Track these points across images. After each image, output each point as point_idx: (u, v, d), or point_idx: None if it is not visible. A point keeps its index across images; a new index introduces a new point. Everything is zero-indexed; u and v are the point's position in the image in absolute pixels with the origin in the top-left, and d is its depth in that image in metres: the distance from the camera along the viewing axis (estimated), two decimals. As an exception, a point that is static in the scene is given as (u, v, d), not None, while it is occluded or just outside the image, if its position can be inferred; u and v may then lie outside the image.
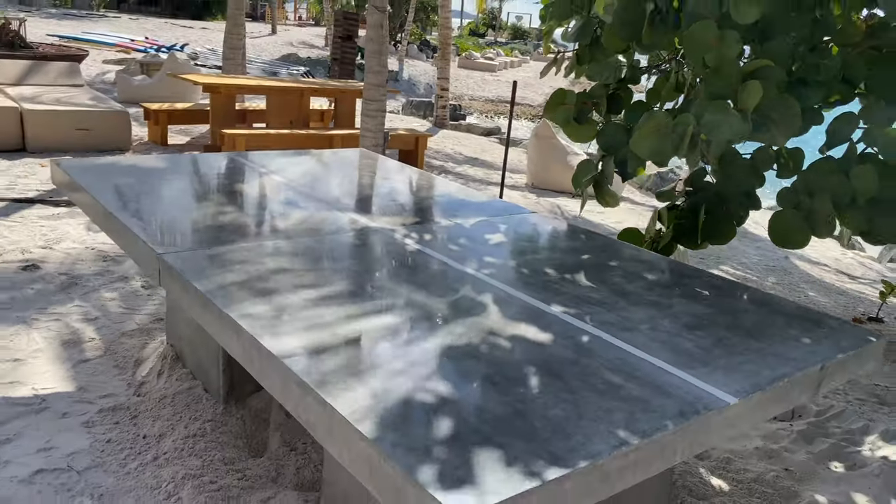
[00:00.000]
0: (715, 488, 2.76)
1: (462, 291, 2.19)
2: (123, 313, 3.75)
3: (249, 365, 1.78)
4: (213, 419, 2.85)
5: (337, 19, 13.18)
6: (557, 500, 1.35)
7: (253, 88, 7.43)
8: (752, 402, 1.72)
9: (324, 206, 3.02)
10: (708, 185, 3.02)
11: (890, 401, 3.56)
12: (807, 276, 5.78)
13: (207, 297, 1.94)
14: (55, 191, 5.76)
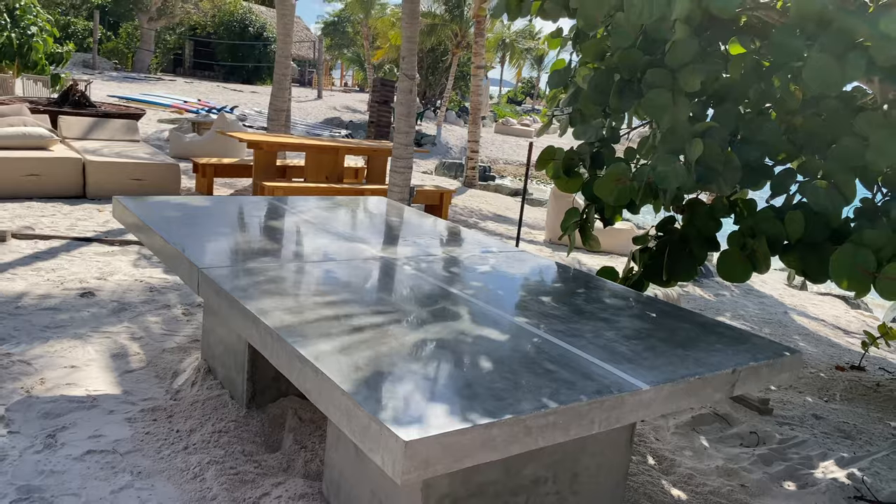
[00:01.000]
0: (673, 496, 3.10)
1: (441, 303, 2.64)
2: (165, 334, 4.26)
3: (264, 349, 2.24)
4: (236, 420, 3.30)
5: (375, 86, 14.04)
6: (487, 442, 1.76)
7: (293, 146, 8.10)
8: (663, 391, 2.12)
9: (341, 239, 3.52)
10: (674, 229, 3.44)
11: (854, 436, 3.85)
12: (802, 330, 6.07)
13: (234, 296, 2.43)
14: (110, 232, 6.39)
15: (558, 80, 4.00)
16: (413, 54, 7.06)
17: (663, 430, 3.72)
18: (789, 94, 3.17)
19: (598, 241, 3.77)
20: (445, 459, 1.70)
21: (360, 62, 42.88)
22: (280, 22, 9.71)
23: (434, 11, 30.37)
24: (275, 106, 9.93)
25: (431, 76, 34.33)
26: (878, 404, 4.38)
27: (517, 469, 2.41)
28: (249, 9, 39.96)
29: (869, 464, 3.50)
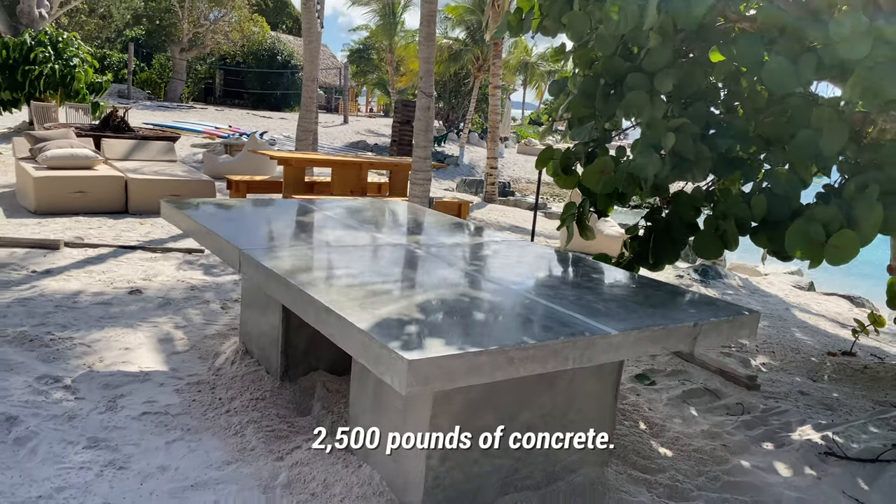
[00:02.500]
0: (660, 453, 3.46)
1: (447, 275, 3.07)
2: (205, 323, 4.73)
3: (295, 306, 2.68)
4: (271, 390, 3.73)
5: (396, 107, 14.63)
6: (476, 367, 2.17)
7: (320, 161, 8.62)
8: (630, 336, 2.51)
9: (362, 230, 3.97)
10: (660, 218, 3.82)
11: (836, 408, 4.16)
12: (801, 323, 6.37)
13: (270, 268, 2.88)
14: (152, 241, 6.93)
15: (558, 88, 4.43)
16: (430, 74, 7.55)
17: (656, 402, 4.08)
18: (756, 94, 3.56)
19: (594, 232, 4.16)
20: (441, 378, 2.11)
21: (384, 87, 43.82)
22: (307, 48, 10.31)
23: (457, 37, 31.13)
24: (303, 127, 10.50)
25: (454, 99, 35.02)
26: (863, 384, 4.68)
27: (512, 415, 2.79)
28: (277, 38, 41.16)
29: (844, 429, 3.83)
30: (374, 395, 2.96)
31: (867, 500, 3.19)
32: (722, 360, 4.62)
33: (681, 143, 3.24)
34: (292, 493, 2.84)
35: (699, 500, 3.04)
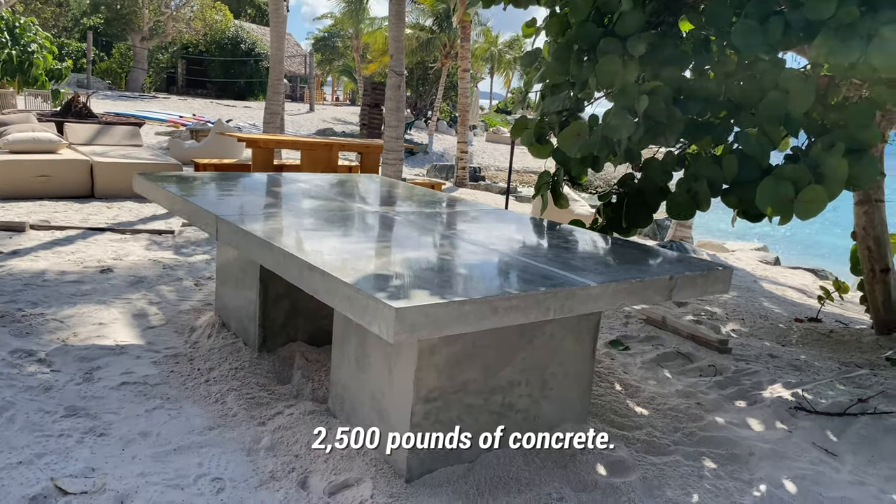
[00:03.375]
0: (636, 412, 3.53)
1: (424, 237, 3.09)
2: (179, 300, 4.69)
3: (276, 266, 2.68)
4: (250, 361, 3.72)
5: (365, 89, 14.56)
6: (461, 316, 2.20)
7: (288, 143, 8.56)
8: (609, 288, 2.56)
9: (338, 200, 3.96)
10: (632, 184, 3.89)
11: (804, 369, 4.28)
12: (768, 293, 6.53)
13: (249, 231, 2.87)
14: (121, 223, 6.83)
15: (529, 60, 4.47)
16: (400, 52, 7.54)
17: (631, 366, 4.16)
18: (726, 59, 3.64)
19: (568, 200, 4.22)
20: (428, 326, 2.14)
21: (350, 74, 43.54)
22: (273, 29, 10.20)
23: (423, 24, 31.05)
24: (270, 109, 10.40)
25: (422, 87, 34.97)
26: (829, 347, 4.83)
27: (494, 371, 2.83)
28: (240, 26, 40.61)
29: (812, 387, 3.95)
30: (356, 357, 2.97)
31: (836, 450, 3.30)
32: (693, 326, 4.73)
33: (653, 106, 3.29)
34: (276, 455, 2.85)
35: (676, 454, 3.12)
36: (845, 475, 3.08)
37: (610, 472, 2.92)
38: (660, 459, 3.05)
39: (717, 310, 5.68)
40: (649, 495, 2.79)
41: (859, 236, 4.90)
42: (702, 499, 2.79)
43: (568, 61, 3.70)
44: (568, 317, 3.00)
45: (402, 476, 2.70)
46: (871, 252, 4.84)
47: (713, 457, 3.14)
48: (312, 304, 3.91)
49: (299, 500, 2.57)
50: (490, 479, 2.76)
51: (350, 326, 3.01)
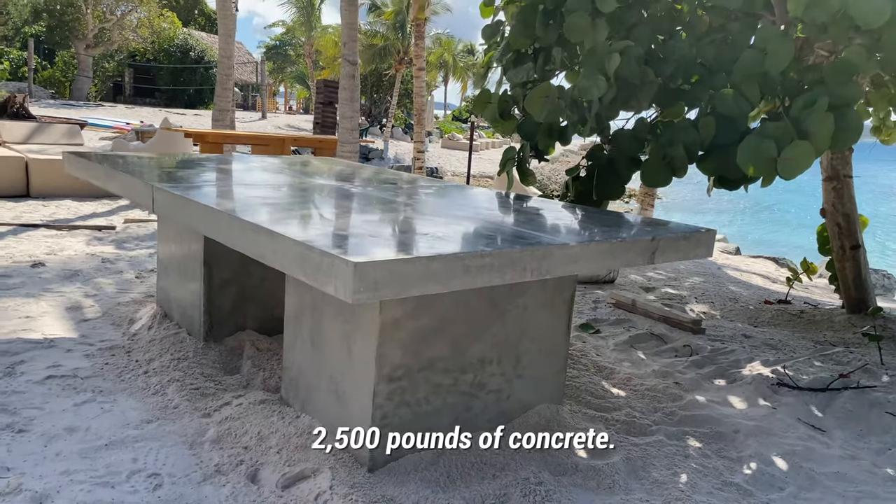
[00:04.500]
0: (613, 393, 3.32)
1: (382, 206, 2.83)
2: (119, 292, 4.33)
3: (219, 233, 2.39)
4: (194, 351, 3.40)
5: (318, 87, 14.22)
6: (430, 274, 1.95)
7: (237, 137, 8.21)
8: (589, 248, 2.34)
9: (293, 175, 3.68)
10: (602, 154, 3.70)
11: (780, 348, 4.14)
12: (734, 279, 6.42)
13: (189, 197, 2.57)
14: (58, 220, 6.39)
15: (491, 32, 4.26)
16: (354, 40, 7.27)
17: (603, 349, 3.95)
18: (697, 20, 3.48)
19: (535, 177, 4.01)
20: (392, 285, 1.88)
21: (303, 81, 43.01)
22: (221, 23, 9.84)
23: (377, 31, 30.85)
24: (219, 106, 10.01)
25: (376, 94, 34.68)
26: (801, 327, 4.70)
27: (464, 347, 2.58)
28: (189, 34, 39.76)
29: (791, 364, 3.79)
30: (311, 337, 2.69)
31: (823, 425, 3.13)
32: (665, 308, 4.55)
33: (625, 66, 3.10)
34: (223, 448, 2.55)
35: (658, 434, 2.91)
36: (836, 450, 2.91)
37: (591, 453, 2.70)
38: (642, 440, 2.84)
39: (685, 293, 5.53)
40: (634, 476, 2.57)
41: (829, 213, 4.80)
42: (690, 478, 2.58)
43: (534, 23, 3.49)
44: (541, 290, 2.78)
45: (364, 465, 2.43)
46: (841, 229, 4.74)
47: (697, 436, 2.94)
48: (262, 289, 3.61)
49: (249, 495, 2.28)
50: (462, 465, 2.51)
51: (304, 303, 2.73)
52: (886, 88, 4.62)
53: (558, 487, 2.43)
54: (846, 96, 2.87)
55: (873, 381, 3.58)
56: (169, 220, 3.72)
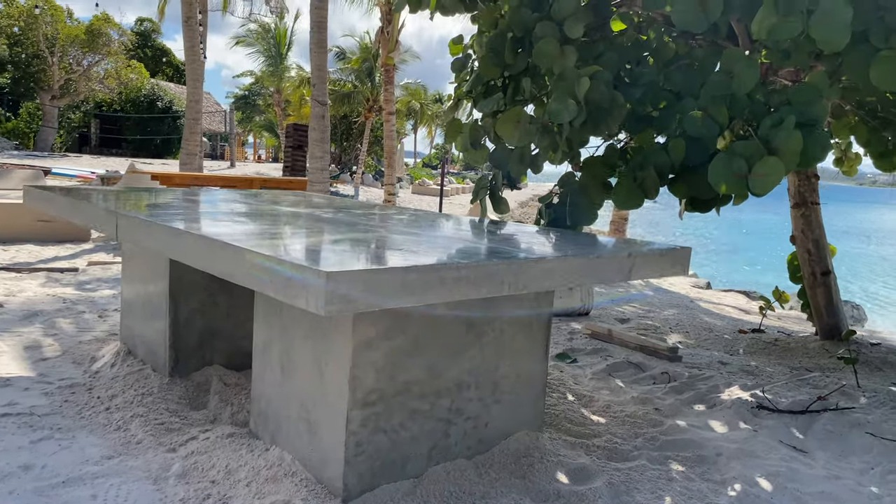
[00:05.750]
0: (593, 420, 3.25)
1: (354, 230, 2.77)
2: (80, 331, 4.17)
3: (185, 255, 2.31)
4: (159, 387, 3.27)
5: (288, 131, 14.22)
6: (406, 285, 1.89)
7: (206, 179, 8.12)
8: (566, 262, 2.30)
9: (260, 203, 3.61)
10: (574, 181, 3.70)
11: (757, 374, 4.11)
12: (707, 311, 6.44)
13: (153, 221, 2.49)
14: (18, 263, 6.21)
15: (460, 65, 4.28)
16: (323, 81, 7.30)
17: (581, 377, 3.89)
18: (664, 46, 3.53)
19: (507, 205, 3.99)
20: (366, 297, 1.81)
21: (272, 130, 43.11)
22: (189, 67, 9.83)
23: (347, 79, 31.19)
24: (187, 150, 9.94)
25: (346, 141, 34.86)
26: (777, 354, 4.69)
27: (440, 371, 2.51)
28: (157, 84, 39.80)
29: (770, 388, 3.76)
30: (281, 364, 2.60)
31: (805, 447, 3.09)
32: (641, 337, 4.52)
33: (594, 90, 3.12)
34: (188, 483, 2.42)
35: (641, 459, 2.84)
36: (819, 470, 2.86)
37: (572, 479, 2.62)
38: (624, 465, 2.77)
39: (660, 324, 5.51)
40: (618, 501, 2.49)
41: (798, 240, 4.84)
42: (675, 501, 2.51)
43: (503, 51, 3.51)
44: (517, 312, 2.73)
45: (338, 496, 2.32)
46: (811, 255, 4.78)
47: (680, 459, 2.87)
48: (230, 322, 3.51)
49: (216, 529, 2.15)
50: (440, 494, 2.41)
51: (273, 329, 2.64)
52: (847, 118, 4.73)
53: (541, 514, 2.34)
54: (813, 115, 2.91)
55: (851, 403, 3.56)
56: (133, 250, 3.62)
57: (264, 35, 36.75)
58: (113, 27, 35.57)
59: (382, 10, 13.17)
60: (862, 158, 5.47)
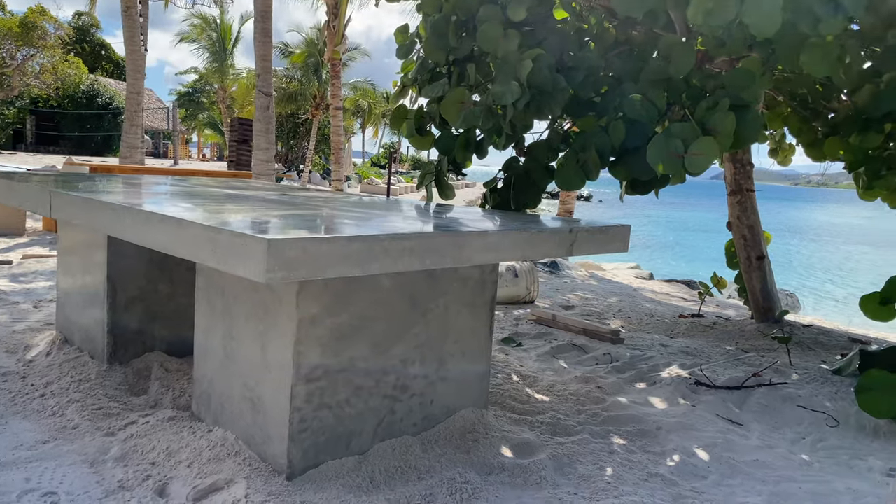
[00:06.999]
0: (537, 399, 3.30)
1: (304, 209, 2.75)
2: (13, 321, 4.04)
3: (125, 231, 2.25)
4: (97, 373, 3.19)
5: (233, 125, 13.99)
6: (349, 255, 1.88)
7: (147, 172, 7.92)
8: (509, 237, 2.33)
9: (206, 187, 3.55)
10: (518, 166, 3.75)
11: (696, 355, 4.23)
12: (649, 299, 6.59)
13: (89, 197, 2.43)
14: (-54, 256, 5.97)
15: (405, 51, 4.29)
16: (268, 72, 7.21)
17: (526, 359, 3.94)
18: (605, 32, 3.61)
19: (454, 191, 4.02)
20: (308, 265, 1.80)
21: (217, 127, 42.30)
22: (129, 58, 9.58)
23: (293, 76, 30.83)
24: (127, 143, 9.69)
25: (293, 139, 34.44)
26: (714, 337, 4.84)
27: (385, 347, 2.51)
28: (96, 80, 38.64)
29: (708, 367, 3.88)
30: (223, 344, 2.57)
31: (739, 419, 3.20)
32: (584, 321, 4.60)
33: (536, 73, 3.17)
34: (127, 465, 2.37)
35: (583, 433, 2.90)
36: (754, 441, 2.97)
37: (517, 453, 2.65)
38: (567, 439, 2.82)
39: (603, 311, 5.62)
40: (561, 472, 2.53)
41: (734, 226, 5.00)
42: (616, 471, 2.57)
43: (447, 34, 3.53)
44: (462, 290, 2.75)
45: (282, 473, 2.30)
46: (747, 240, 4.94)
47: (621, 433, 2.94)
48: (171, 308, 3.45)
49: (156, 509, 2.12)
50: (385, 469, 2.42)
51: (215, 309, 2.61)
52: (780, 108, 4.90)
53: (485, 486, 2.37)
54: (746, 98, 3.01)
55: (784, 379, 3.69)
56: (70, 237, 3.52)
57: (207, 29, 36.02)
58: (49, 20, 34.35)
59: (329, 3, 13.07)
60: (795, 149, 5.68)
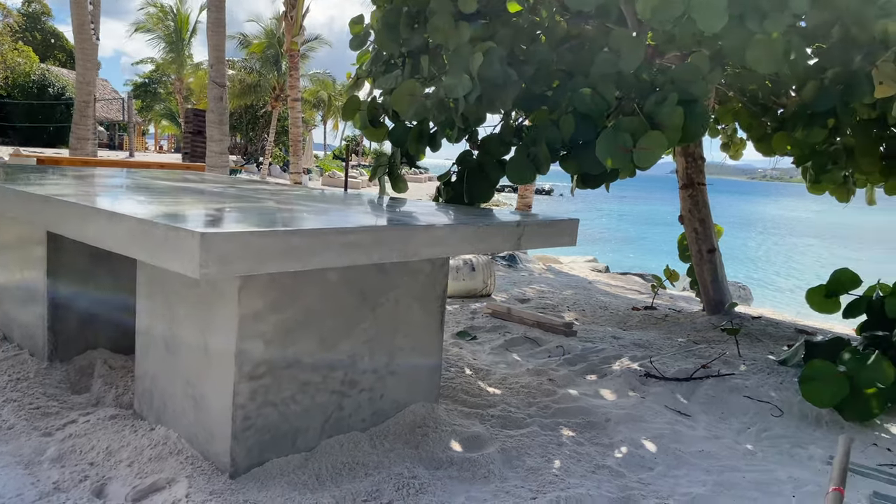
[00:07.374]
0: (489, 392, 3.30)
1: (249, 202, 2.70)
2: (-49, 319, 3.89)
3: (61, 223, 2.18)
4: (36, 371, 3.09)
5: (187, 116, 13.75)
6: (289, 250, 1.85)
7: (94, 163, 7.73)
8: (457, 231, 2.32)
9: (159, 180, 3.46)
10: (472, 160, 3.74)
11: (647, 347, 4.28)
12: (603, 292, 6.66)
13: (24, 190, 2.35)
14: None
15: (359, 42, 4.24)
16: (221, 62, 7.08)
17: (480, 353, 3.94)
18: (556, 26, 3.61)
19: (406, 183, 3.99)
20: (246, 259, 1.77)
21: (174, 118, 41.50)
22: (79, 47, 9.32)
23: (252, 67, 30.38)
24: (77, 135, 9.43)
25: (252, 132, 33.98)
26: (666, 329, 4.90)
27: (333, 342, 2.48)
28: (48, 69, 37.56)
29: (658, 359, 3.92)
30: (165, 341, 2.51)
31: (687, 410, 3.24)
32: (538, 314, 4.62)
33: (487, 66, 3.16)
34: (64, 466, 2.30)
35: (533, 426, 2.90)
36: (701, 431, 3.01)
37: (466, 447, 2.65)
38: (517, 432, 2.82)
39: (557, 304, 5.65)
40: (509, 465, 2.54)
41: (686, 220, 5.07)
42: (564, 464, 2.58)
43: (398, 26, 3.50)
44: (413, 284, 2.73)
45: (225, 471, 2.26)
46: (698, 234, 5.01)
47: (570, 426, 2.96)
48: (115, 304, 3.35)
49: (92, 510, 2.06)
50: (332, 466, 2.39)
51: (156, 305, 2.54)
52: (731, 104, 4.97)
53: (433, 480, 2.36)
54: (694, 93, 3.04)
55: (732, 370, 3.75)
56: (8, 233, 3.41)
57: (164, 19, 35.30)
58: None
59: (287, -7, 12.93)
60: (746, 144, 5.77)
